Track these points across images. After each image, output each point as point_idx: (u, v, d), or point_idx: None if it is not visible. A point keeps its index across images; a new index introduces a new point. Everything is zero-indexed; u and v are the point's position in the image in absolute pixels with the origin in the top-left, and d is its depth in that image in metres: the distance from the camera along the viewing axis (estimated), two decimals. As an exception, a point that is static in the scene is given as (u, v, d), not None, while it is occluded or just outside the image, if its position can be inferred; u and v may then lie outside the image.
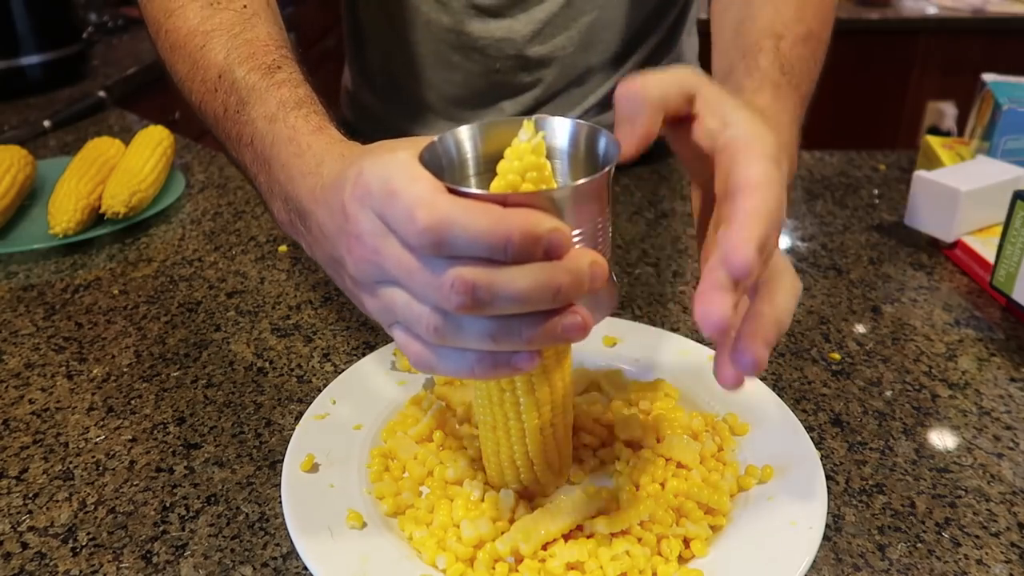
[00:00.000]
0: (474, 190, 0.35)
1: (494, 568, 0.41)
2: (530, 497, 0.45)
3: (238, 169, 0.53)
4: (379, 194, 0.35)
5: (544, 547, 0.41)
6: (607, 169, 0.37)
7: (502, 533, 0.42)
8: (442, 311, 0.35)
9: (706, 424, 0.50)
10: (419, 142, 0.38)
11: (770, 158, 0.37)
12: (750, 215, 0.35)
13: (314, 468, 0.46)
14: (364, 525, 0.43)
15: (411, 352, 0.37)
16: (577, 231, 0.36)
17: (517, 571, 0.41)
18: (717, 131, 0.39)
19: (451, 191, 0.34)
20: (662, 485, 0.45)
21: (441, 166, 0.38)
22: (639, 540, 0.42)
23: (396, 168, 0.35)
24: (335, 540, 0.41)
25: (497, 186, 0.36)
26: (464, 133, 0.40)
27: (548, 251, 0.34)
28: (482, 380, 0.42)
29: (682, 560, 0.42)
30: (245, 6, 0.55)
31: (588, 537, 0.42)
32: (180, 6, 0.56)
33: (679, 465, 0.47)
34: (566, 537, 0.42)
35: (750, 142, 0.38)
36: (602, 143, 0.39)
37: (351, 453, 0.48)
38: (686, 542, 0.43)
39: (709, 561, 0.42)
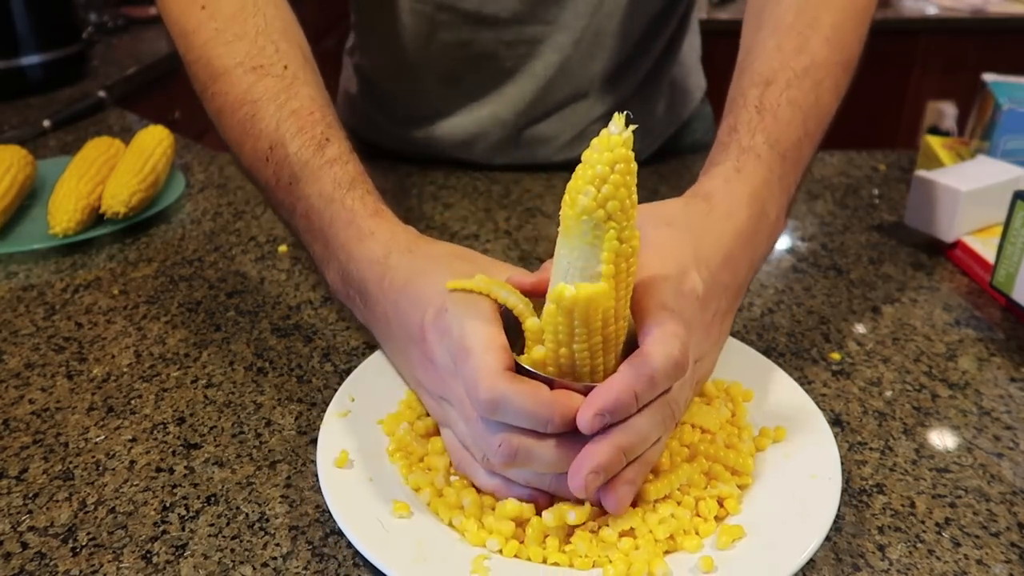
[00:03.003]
0: (532, 370, 0.41)
1: (545, 543, 0.42)
2: None
3: (289, 230, 0.57)
4: (456, 345, 0.41)
5: (593, 518, 0.43)
6: None
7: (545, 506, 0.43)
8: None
9: (717, 390, 0.52)
10: (493, 271, 0.44)
11: (671, 315, 0.41)
12: (611, 434, 0.39)
13: (349, 464, 0.46)
14: (411, 514, 0.43)
15: (455, 455, 0.45)
16: None
17: (569, 542, 0.42)
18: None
19: (516, 365, 0.40)
20: (689, 449, 0.47)
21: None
22: (678, 504, 0.44)
23: (476, 329, 0.40)
24: (387, 531, 0.42)
25: (582, 175, 0.38)
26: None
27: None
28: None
29: (718, 519, 0.44)
30: (286, 67, 0.57)
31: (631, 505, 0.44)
32: (225, 71, 0.57)
33: (703, 431, 0.49)
34: None
35: (651, 293, 0.42)
36: None
37: (380, 447, 0.48)
38: (719, 502, 0.44)
39: (744, 517, 0.44)
